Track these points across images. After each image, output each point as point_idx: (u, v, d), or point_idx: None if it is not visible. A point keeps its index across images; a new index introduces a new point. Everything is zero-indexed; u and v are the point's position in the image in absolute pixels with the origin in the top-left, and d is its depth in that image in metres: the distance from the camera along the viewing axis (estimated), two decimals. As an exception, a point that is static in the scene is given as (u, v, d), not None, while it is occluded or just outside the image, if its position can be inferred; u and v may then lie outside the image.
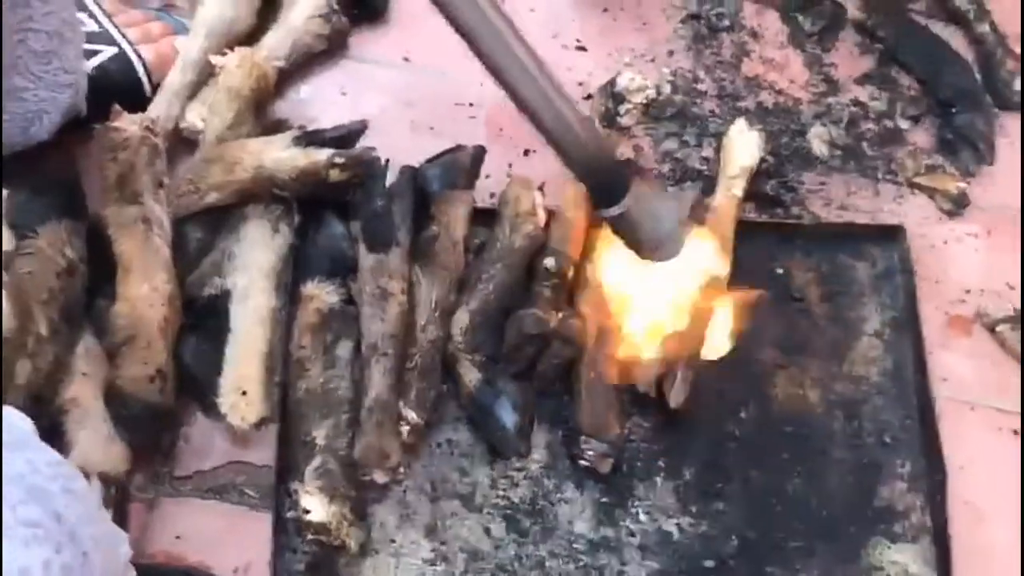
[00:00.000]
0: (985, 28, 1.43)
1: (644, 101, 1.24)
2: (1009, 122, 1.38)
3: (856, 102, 1.39)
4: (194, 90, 1.21)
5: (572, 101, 0.86)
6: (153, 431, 1.05)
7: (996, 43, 1.42)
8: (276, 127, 1.24)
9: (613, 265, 1.11)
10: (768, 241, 1.28)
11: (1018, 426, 1.19)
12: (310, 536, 1.03)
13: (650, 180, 0.94)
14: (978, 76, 1.41)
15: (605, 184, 0.93)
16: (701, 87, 1.38)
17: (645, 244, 0.96)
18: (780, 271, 1.27)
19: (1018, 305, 1.24)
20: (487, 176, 1.25)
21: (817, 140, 1.35)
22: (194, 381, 1.08)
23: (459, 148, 1.19)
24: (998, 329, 1.24)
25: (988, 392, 1.21)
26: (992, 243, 1.30)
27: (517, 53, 0.83)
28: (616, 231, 0.98)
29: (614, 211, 0.93)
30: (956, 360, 1.22)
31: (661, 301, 1.11)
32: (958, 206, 1.32)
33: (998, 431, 1.19)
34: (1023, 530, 1.12)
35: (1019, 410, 1.19)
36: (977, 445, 1.17)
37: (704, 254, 1.13)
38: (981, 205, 1.32)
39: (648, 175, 0.95)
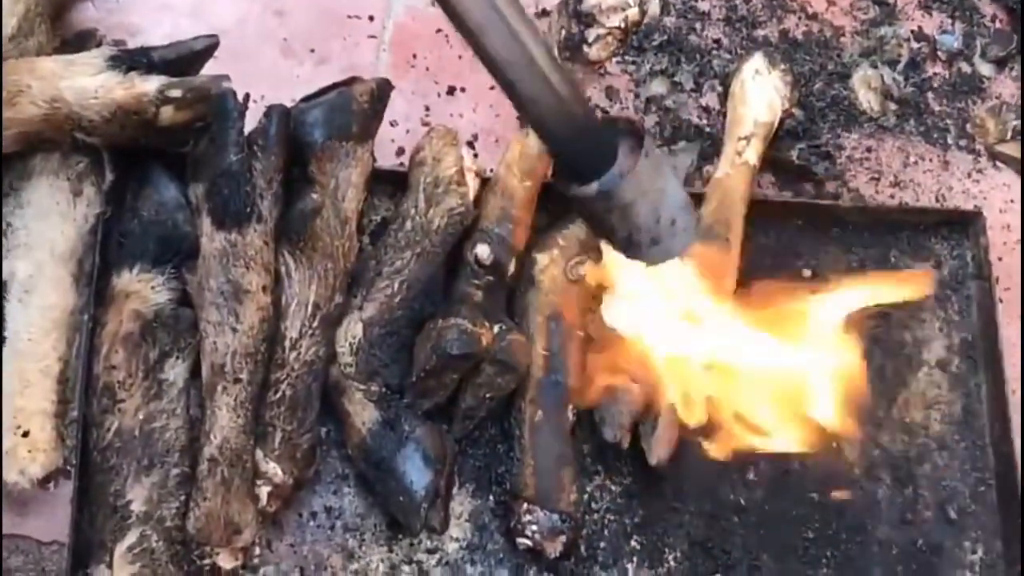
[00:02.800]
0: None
1: (621, 25, 1.25)
2: None
3: (919, 35, 1.43)
4: (-42, -19, 1.19)
5: (534, 26, 0.86)
6: None
7: (1112, -40, 1.47)
8: (81, 41, 1.21)
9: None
10: (792, 229, 1.30)
11: None
12: (119, 646, 1.02)
13: (646, 143, 0.93)
14: (1087, 5, 1.46)
15: (581, 147, 0.93)
16: (702, 6, 1.40)
17: (637, 236, 0.97)
18: (808, 272, 1.29)
19: None
20: (393, 124, 1.25)
21: (864, 88, 1.38)
22: (-51, 415, 1.06)
23: (352, 81, 1.19)
24: (1106, 361, 1.28)
25: (1091, 449, 1.25)
26: (1101, 239, 1.35)
27: None
28: (591, 218, 0.98)
29: (592, 188, 0.93)
30: (1049, 403, 1.27)
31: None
32: (1056, 187, 1.36)
33: (1103, 504, 1.23)
34: None
35: None
36: (1074, 523, 1.21)
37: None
38: (1087, 185, 1.37)
39: (642, 133, 0.94)
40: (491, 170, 1.20)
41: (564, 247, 1.18)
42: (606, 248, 1.02)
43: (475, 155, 1.20)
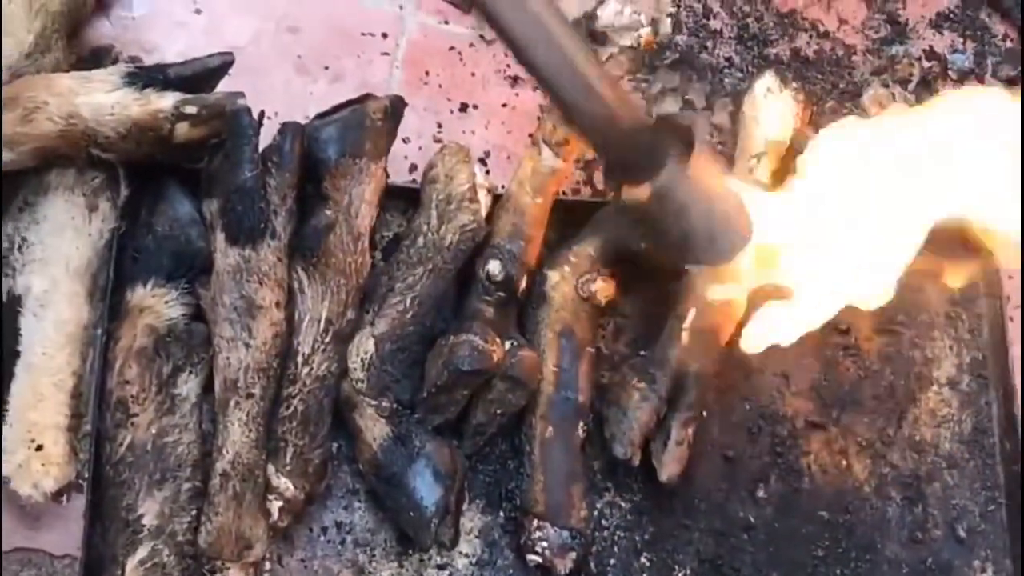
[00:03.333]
0: (1109, -42, 1.48)
1: (634, 44, 1.25)
2: None
3: (931, 54, 1.43)
4: (-24, -2, 1.20)
5: (573, 32, 0.87)
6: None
7: (1123, -20, 1.47)
8: (98, 57, 1.22)
9: None
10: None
11: None
12: (131, 660, 1.02)
13: (698, 144, 0.93)
14: (1097, 25, 1.46)
15: (631, 150, 0.92)
16: (714, 25, 1.40)
17: (693, 237, 0.96)
18: (819, 289, 1.29)
19: None
20: (406, 140, 1.25)
21: (875, 107, 1.38)
22: (-37, 428, 1.06)
23: (366, 99, 1.19)
24: (1117, 380, 1.28)
25: (1101, 468, 1.25)
26: (1112, 259, 1.35)
27: None
28: (646, 221, 0.97)
29: (645, 190, 0.93)
30: (1059, 422, 1.26)
31: None
32: (1066, 206, 1.36)
33: (1114, 523, 1.23)
34: None
35: None
36: (1085, 543, 1.21)
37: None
38: (1098, 205, 1.37)
39: (694, 134, 0.94)
40: (503, 187, 1.20)
41: (575, 264, 1.18)
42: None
43: (487, 172, 1.20)
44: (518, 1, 0.84)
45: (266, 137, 1.14)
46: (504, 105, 1.31)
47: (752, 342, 1.12)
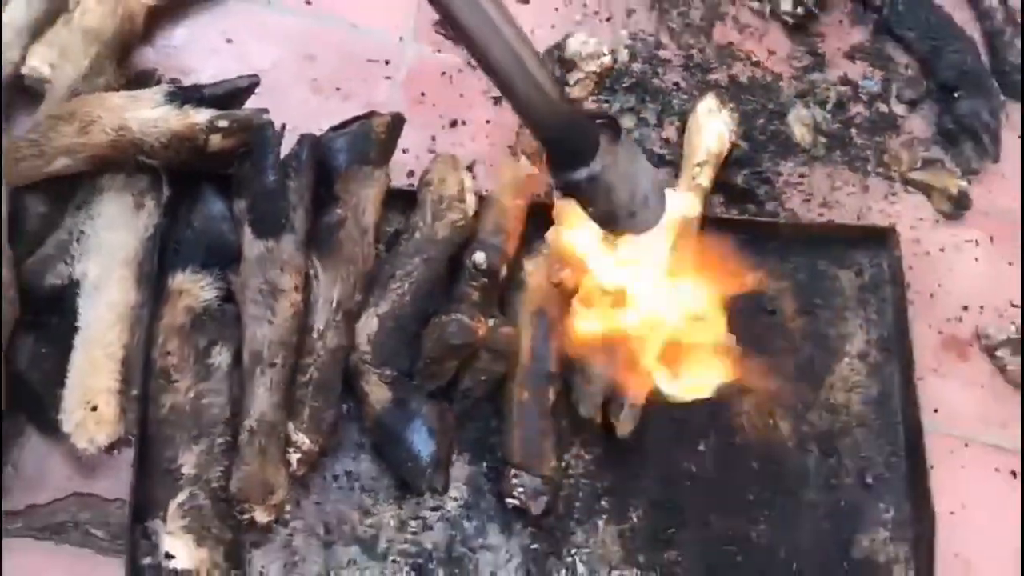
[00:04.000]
0: (993, 2, 1.48)
1: (597, 69, 1.25)
2: (1017, 112, 1.44)
3: (845, 80, 1.43)
4: (40, 28, 1.18)
5: (525, 36, 0.86)
6: (-26, 454, 1.02)
7: (1006, 19, 1.48)
8: (143, 79, 1.21)
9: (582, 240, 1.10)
10: (737, 242, 1.28)
11: (1017, 466, 1.24)
12: (172, 588, 1.01)
13: (623, 134, 0.93)
14: (985, 57, 1.46)
15: (570, 141, 0.92)
16: (664, 55, 1.40)
17: (618, 212, 0.96)
18: (756, 277, 1.29)
19: (1021, 326, 1.29)
20: (405, 151, 1.25)
21: (798, 124, 1.38)
22: (29, 392, 1.06)
23: (371, 115, 1.18)
24: (998, 353, 1.28)
25: (985, 426, 1.25)
26: (995, 252, 1.36)
27: None
28: (581, 199, 0.96)
29: (581, 174, 0.92)
30: (950, 388, 1.27)
31: (641, 294, 1.11)
32: (958, 208, 1.36)
33: (995, 472, 1.24)
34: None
35: (1019, 448, 1.24)
36: (971, 488, 1.22)
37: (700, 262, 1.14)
38: (983, 208, 1.38)
39: (619, 126, 0.94)
40: (487, 190, 1.20)
41: (548, 255, 1.17)
42: (587, 227, 1.01)
43: (474, 178, 1.20)
44: (474, 4, 0.83)
45: (286, 147, 1.14)
46: (488, 121, 1.31)
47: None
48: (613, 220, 0.97)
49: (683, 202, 1.17)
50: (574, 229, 1.10)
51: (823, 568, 1.17)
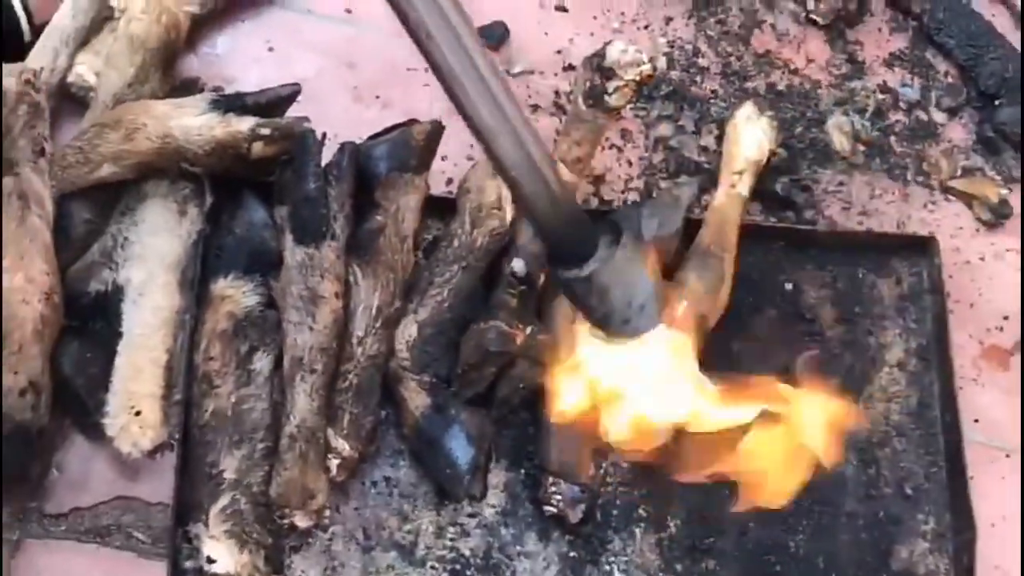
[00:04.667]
0: (1035, 8, 1.47)
1: (636, 78, 1.24)
2: (1059, 120, 1.42)
3: (884, 88, 1.42)
4: (86, 37, 1.20)
5: (535, 131, 0.86)
6: (21, 457, 1.02)
7: (1047, 26, 1.47)
8: (187, 87, 1.22)
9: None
10: (776, 249, 1.29)
11: (1060, 478, 1.22)
12: (213, 591, 1.02)
13: (625, 237, 0.93)
14: (1026, 64, 1.45)
15: (569, 238, 0.91)
16: (702, 62, 1.39)
17: (611, 317, 0.95)
18: (789, 286, 1.28)
19: (1063, 336, 1.28)
20: (444, 158, 1.24)
21: (837, 132, 1.37)
22: (75, 396, 1.06)
23: (411, 123, 1.19)
24: (1040, 363, 1.27)
25: (1026, 437, 1.24)
26: (1036, 261, 1.34)
27: (475, 59, 0.81)
28: (573, 297, 0.95)
29: (578, 272, 0.91)
30: (990, 398, 1.25)
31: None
32: (998, 216, 1.35)
33: (1037, 483, 1.22)
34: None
35: (1062, 460, 1.22)
36: (1012, 499, 1.20)
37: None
38: (1024, 216, 1.36)
39: (622, 228, 0.94)
40: (525, 198, 1.19)
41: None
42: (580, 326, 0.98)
43: (512, 185, 1.19)
44: (486, 94, 0.82)
45: (327, 154, 1.14)
46: (525, 129, 1.31)
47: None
48: (606, 323, 0.95)
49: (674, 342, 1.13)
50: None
51: (862, 579, 1.16)
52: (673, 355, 1.01)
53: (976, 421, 1.24)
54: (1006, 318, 1.30)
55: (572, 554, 1.12)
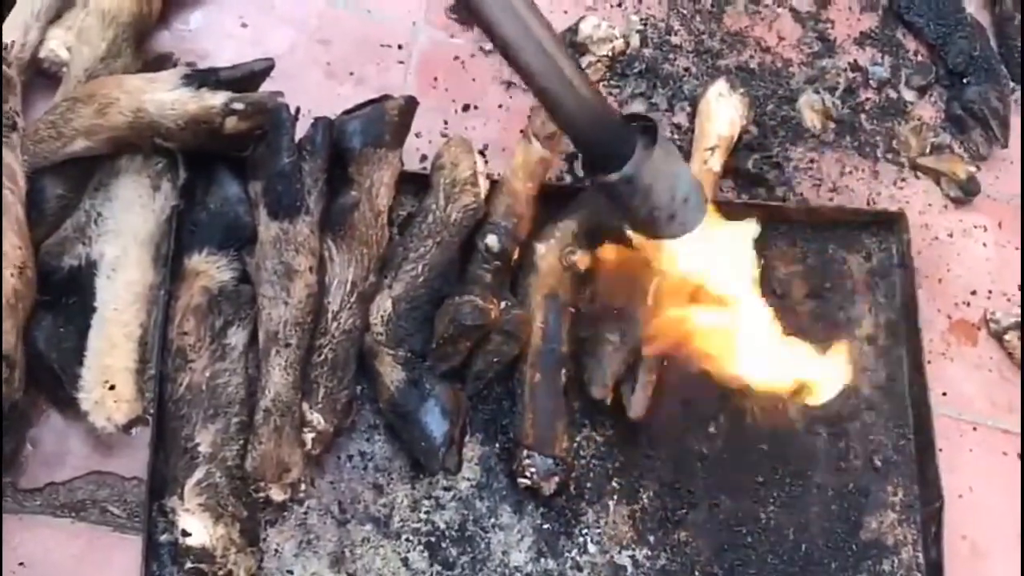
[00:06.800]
0: (1004, -12, 1.48)
1: (609, 54, 1.25)
2: (1025, 98, 1.43)
3: (855, 66, 1.42)
4: (57, 11, 1.18)
5: (562, 41, 0.85)
6: (-6, 431, 1.02)
7: (1015, 5, 1.47)
8: (160, 62, 1.21)
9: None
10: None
11: (1025, 450, 1.23)
12: (189, 564, 1.01)
13: (660, 135, 0.92)
14: (994, 43, 1.46)
15: (605, 143, 0.91)
16: (675, 40, 1.39)
17: (657, 215, 0.95)
18: (760, 262, 1.28)
19: (1028, 311, 1.29)
20: (417, 135, 1.24)
21: (808, 109, 1.38)
22: (48, 371, 1.05)
23: (385, 99, 1.18)
24: (1007, 338, 1.28)
25: (993, 410, 1.25)
26: (1003, 237, 1.35)
27: None
28: (618, 202, 0.95)
29: (618, 176, 0.90)
30: (958, 372, 1.26)
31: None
32: (966, 193, 1.36)
33: (1002, 455, 1.23)
34: (1028, 569, 1.16)
35: (1026, 431, 1.24)
36: (978, 471, 1.21)
37: None
38: (992, 193, 1.37)
39: (656, 127, 0.93)
40: (499, 174, 1.19)
41: (560, 238, 1.17)
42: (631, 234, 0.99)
43: (486, 161, 1.19)
44: (508, 9, 0.82)
45: (301, 130, 1.14)
46: (500, 106, 1.31)
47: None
48: (653, 223, 0.95)
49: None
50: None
51: (832, 549, 1.17)
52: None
53: (944, 394, 1.25)
54: (973, 293, 1.31)
55: (546, 526, 1.12)
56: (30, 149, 1.08)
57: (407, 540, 1.10)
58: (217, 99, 1.11)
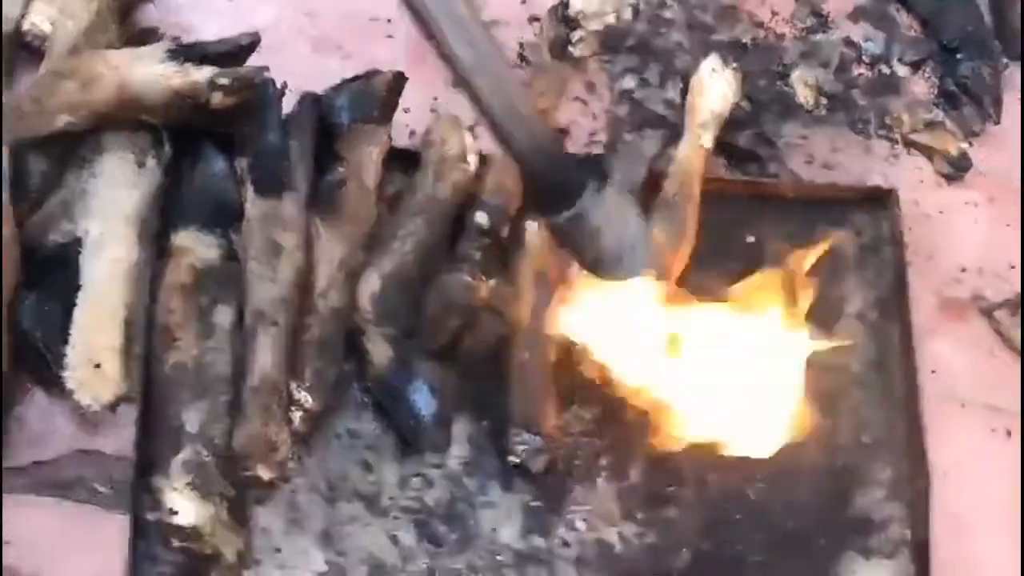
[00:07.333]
0: (997, -38, 1.46)
1: (600, 28, 1.24)
2: (1018, 74, 1.42)
3: (848, 42, 1.41)
4: (41, -16, 1.17)
5: (515, 73, 0.86)
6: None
7: (1010, -19, 1.46)
8: (144, 36, 1.19)
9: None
10: (739, 203, 1.29)
11: (1014, 426, 1.23)
12: (176, 543, 1.01)
13: (612, 179, 0.93)
14: (987, 18, 1.44)
15: (555, 181, 0.91)
16: (667, 15, 1.38)
17: (604, 257, 0.96)
18: (751, 239, 1.28)
19: (1019, 288, 1.29)
20: (407, 110, 1.23)
21: (801, 85, 1.37)
22: (33, 350, 1.05)
23: (373, 73, 1.17)
24: (996, 315, 1.28)
25: (981, 387, 1.25)
26: (994, 214, 1.34)
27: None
28: (566, 240, 0.96)
29: (567, 214, 0.92)
30: (948, 349, 1.26)
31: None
32: (958, 169, 1.35)
33: (991, 432, 1.23)
34: (1022, 547, 1.16)
35: (1016, 409, 1.23)
36: (966, 448, 1.21)
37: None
38: (983, 170, 1.36)
39: (608, 170, 0.94)
40: (489, 151, 1.18)
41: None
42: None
43: (475, 138, 1.19)
44: (461, 30, 0.82)
45: (288, 106, 1.13)
46: (490, 81, 1.29)
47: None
48: (599, 264, 0.96)
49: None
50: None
51: (820, 526, 1.17)
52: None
53: (933, 372, 1.24)
54: (964, 270, 1.31)
55: (535, 503, 1.12)
56: (12, 125, 1.07)
57: (395, 518, 1.09)
58: (202, 74, 1.09)
